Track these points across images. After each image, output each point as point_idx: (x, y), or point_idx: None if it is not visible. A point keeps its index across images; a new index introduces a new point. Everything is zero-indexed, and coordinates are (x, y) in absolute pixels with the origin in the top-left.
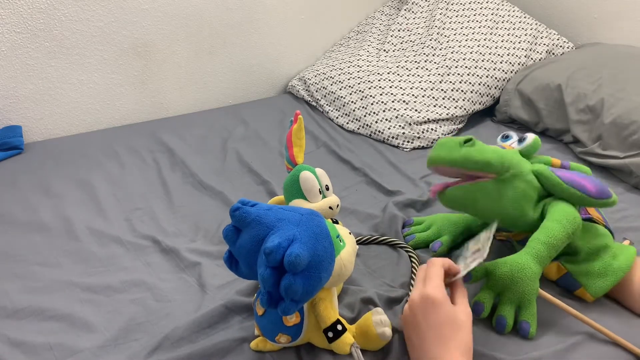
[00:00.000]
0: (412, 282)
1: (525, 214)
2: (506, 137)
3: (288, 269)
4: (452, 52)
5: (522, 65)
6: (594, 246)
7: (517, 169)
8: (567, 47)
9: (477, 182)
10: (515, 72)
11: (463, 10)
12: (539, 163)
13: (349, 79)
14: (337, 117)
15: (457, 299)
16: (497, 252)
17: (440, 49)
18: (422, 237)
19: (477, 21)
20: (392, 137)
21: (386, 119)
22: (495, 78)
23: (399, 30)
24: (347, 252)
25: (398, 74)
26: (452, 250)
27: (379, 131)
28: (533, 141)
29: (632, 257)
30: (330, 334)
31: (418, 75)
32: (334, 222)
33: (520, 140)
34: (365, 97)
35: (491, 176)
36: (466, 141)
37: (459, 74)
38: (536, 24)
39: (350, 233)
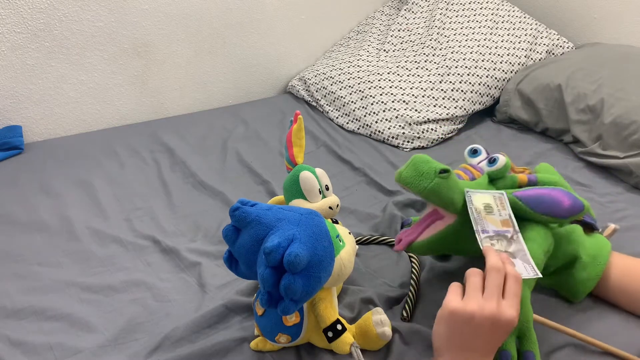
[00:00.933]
0: (412, 282)
1: None
2: (474, 152)
3: (288, 268)
4: (452, 52)
5: (522, 65)
6: (561, 261)
7: None
8: (567, 47)
9: (438, 232)
10: (515, 72)
11: (463, 10)
12: (504, 187)
13: (349, 79)
14: (337, 117)
15: None
16: None
17: (440, 49)
18: None
19: (477, 21)
20: (392, 137)
21: (386, 119)
22: (495, 78)
23: (399, 30)
24: (347, 252)
25: (398, 74)
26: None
27: (379, 131)
28: (504, 166)
29: (604, 262)
30: (330, 334)
31: (418, 75)
32: (333, 222)
33: (491, 161)
34: (365, 97)
35: (452, 215)
36: (442, 171)
37: (459, 74)
38: (536, 24)
39: (350, 233)
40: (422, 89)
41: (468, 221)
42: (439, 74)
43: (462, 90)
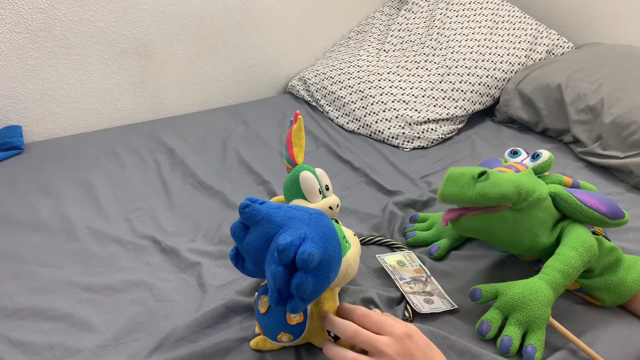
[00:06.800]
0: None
1: (539, 242)
2: (515, 153)
3: (300, 266)
4: (452, 52)
5: (522, 65)
6: (607, 262)
7: (535, 196)
8: (567, 47)
9: (493, 212)
10: (515, 72)
11: (463, 10)
12: (552, 183)
13: (349, 79)
14: (337, 117)
15: None
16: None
17: (440, 49)
18: (423, 236)
19: (477, 21)
20: (392, 137)
21: (386, 119)
22: (495, 78)
23: (399, 30)
24: (353, 253)
25: (398, 74)
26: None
27: (379, 131)
28: (549, 159)
29: None
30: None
31: (418, 75)
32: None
33: (534, 157)
34: (365, 97)
35: (508, 206)
36: (480, 174)
37: (459, 74)
38: (536, 24)
39: (355, 235)
40: (422, 89)
41: (521, 212)
42: (439, 74)
43: (462, 90)
